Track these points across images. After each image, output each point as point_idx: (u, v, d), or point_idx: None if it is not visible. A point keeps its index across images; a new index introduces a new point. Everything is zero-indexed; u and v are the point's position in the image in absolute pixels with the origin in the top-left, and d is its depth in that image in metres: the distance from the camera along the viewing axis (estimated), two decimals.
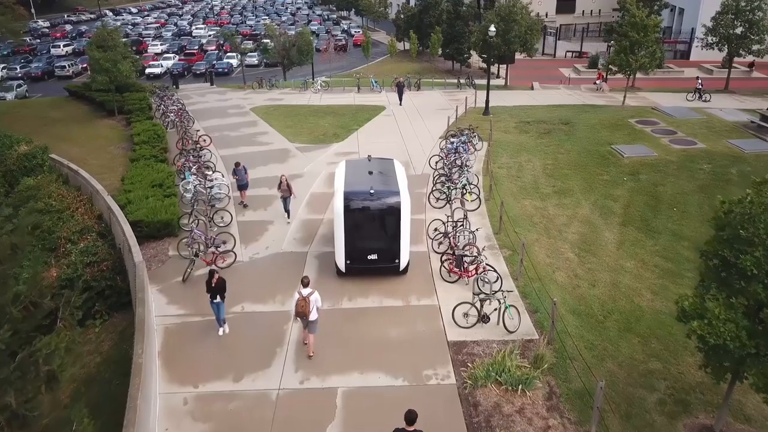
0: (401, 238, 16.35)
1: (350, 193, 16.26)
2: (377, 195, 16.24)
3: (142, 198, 20.62)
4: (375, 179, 17.24)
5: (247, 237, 19.84)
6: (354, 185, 16.66)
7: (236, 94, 45.12)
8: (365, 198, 16.21)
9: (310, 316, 13.35)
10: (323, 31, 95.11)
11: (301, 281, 13.56)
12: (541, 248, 19.47)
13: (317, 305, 13.45)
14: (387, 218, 16.30)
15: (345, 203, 16.02)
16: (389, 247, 16.47)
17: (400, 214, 16.12)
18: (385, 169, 18.19)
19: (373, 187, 16.44)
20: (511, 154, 28.78)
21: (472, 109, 37.69)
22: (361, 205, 16.18)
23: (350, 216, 16.03)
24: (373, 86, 45.07)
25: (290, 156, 28.47)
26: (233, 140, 31.30)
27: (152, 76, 63.47)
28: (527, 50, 44.22)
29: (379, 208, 16.23)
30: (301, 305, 13.14)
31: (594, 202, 23.54)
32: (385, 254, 16.52)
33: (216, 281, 14.17)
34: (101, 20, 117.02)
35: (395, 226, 16.24)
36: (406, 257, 16.81)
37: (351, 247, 16.30)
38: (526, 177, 25.86)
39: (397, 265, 16.69)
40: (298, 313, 13.30)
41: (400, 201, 16.14)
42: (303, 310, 13.19)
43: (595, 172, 26.38)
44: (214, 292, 14.23)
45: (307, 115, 36.66)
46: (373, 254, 16.47)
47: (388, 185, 16.91)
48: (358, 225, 16.25)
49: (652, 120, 33.71)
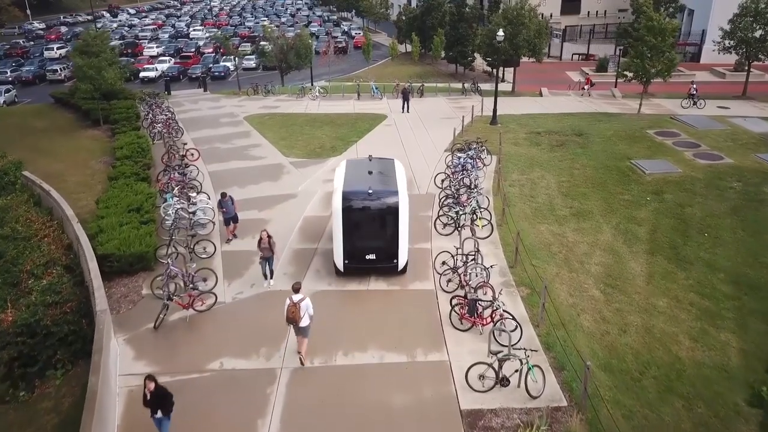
0: (400, 238, 16.40)
1: (349, 192, 16.36)
2: (376, 195, 16.32)
3: (116, 226, 18.47)
4: (374, 179, 17.34)
5: (231, 271, 17.69)
6: (353, 184, 16.77)
7: (230, 101, 42.98)
8: (364, 197, 16.29)
9: (301, 323, 13.06)
10: (323, 32, 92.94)
11: (292, 287, 13.26)
12: (562, 284, 17.31)
13: (309, 312, 13.13)
14: (385, 218, 16.38)
15: (343, 202, 16.12)
16: (388, 246, 16.51)
17: (398, 213, 16.16)
18: (385, 169, 18.21)
19: (372, 186, 16.51)
20: (523, 169, 26.62)
21: (479, 117, 35.54)
22: (359, 205, 16.28)
23: (348, 215, 16.16)
24: (374, 93, 42.93)
25: (284, 172, 26.31)
26: (224, 154, 29.17)
27: (146, 80, 61.33)
28: (536, 54, 42.02)
29: (378, 208, 16.32)
30: (291, 311, 12.87)
31: (616, 226, 21.39)
32: (384, 254, 16.58)
33: (153, 392, 10.71)
34: (98, 21, 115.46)
35: (393, 225, 16.31)
36: (404, 257, 16.80)
37: (349, 246, 16.42)
38: (540, 196, 23.70)
39: (395, 265, 16.73)
40: (289, 319, 13.00)
41: (399, 201, 16.18)
42: (293, 316, 12.92)
43: (615, 191, 24.22)
44: (154, 406, 10.86)
45: (303, 125, 34.52)
46: (372, 254, 16.56)
47: (386, 185, 16.97)
48: (356, 224, 16.41)
49: (672, 131, 31.52)
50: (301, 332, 13.27)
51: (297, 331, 13.32)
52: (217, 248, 18.75)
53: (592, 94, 44.17)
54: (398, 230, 16.29)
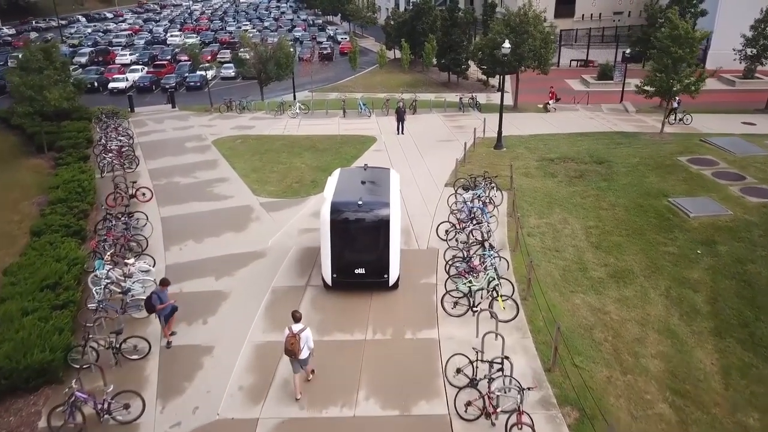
0: (390, 251, 15.70)
1: (338, 203, 15.76)
2: (366, 206, 15.66)
3: (16, 316, 13.79)
4: (366, 189, 16.73)
5: (168, 384, 13.00)
6: (343, 195, 16.18)
7: (200, 119, 38.18)
8: (353, 209, 15.62)
9: (300, 355, 11.87)
10: (307, 37, 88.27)
11: (292, 315, 12.17)
12: (618, 397, 12.85)
13: (309, 345, 12.02)
14: (375, 231, 15.64)
15: (332, 213, 15.49)
16: (378, 260, 15.82)
17: (389, 226, 15.49)
18: (378, 180, 17.49)
19: (363, 197, 15.90)
20: (541, 210, 22.20)
21: (481, 140, 31.07)
22: (348, 216, 15.61)
23: (337, 227, 15.52)
24: (362, 110, 38.35)
25: (252, 218, 21.69)
26: (183, 192, 24.47)
27: (116, 91, 56.61)
28: (542, 66, 37.61)
29: (367, 220, 15.61)
30: (290, 343, 11.74)
31: (666, 292, 17.01)
32: (374, 268, 15.93)
33: None
34: (72, 27, 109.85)
35: (384, 239, 15.59)
36: (396, 272, 16.10)
37: (338, 259, 15.82)
38: (566, 250, 19.28)
39: (386, 280, 16.05)
40: (287, 351, 11.84)
41: (389, 213, 15.54)
42: (293, 348, 11.76)
43: (656, 240, 19.86)
44: None
45: (280, 152, 29.90)
46: (361, 268, 15.94)
47: (378, 196, 16.32)
48: (344, 237, 15.73)
49: (707, 158, 27.20)
50: (299, 366, 12.13)
51: (295, 365, 12.10)
52: (153, 347, 14.00)
53: (605, 109, 39.95)
54: (389, 243, 15.54)
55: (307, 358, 12.13)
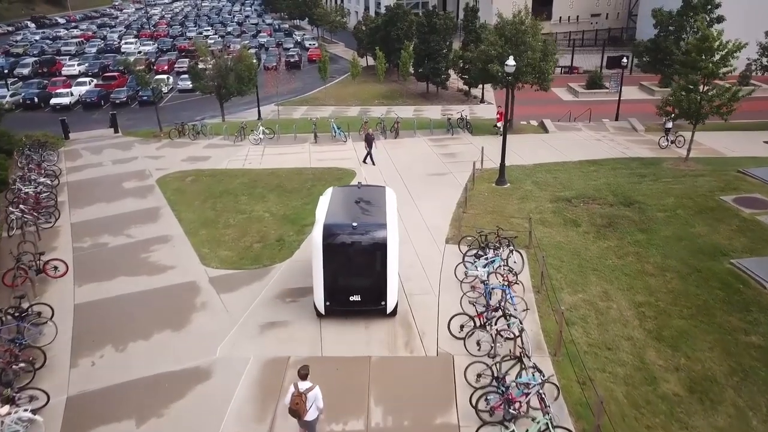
0: (388, 277, 14.56)
1: (331, 225, 14.70)
2: (361, 228, 14.59)
3: None
4: (361, 210, 15.65)
5: None
6: (336, 216, 15.20)
7: (146, 148, 32.48)
8: (347, 231, 14.53)
9: (307, 416, 10.46)
10: (273, 44, 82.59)
11: (298, 372, 10.63)
12: None
13: (317, 405, 10.59)
14: (371, 255, 14.56)
15: (324, 237, 14.40)
16: (374, 287, 14.74)
17: (387, 250, 14.38)
18: (374, 199, 16.36)
19: (358, 219, 14.89)
20: (573, 279, 17.30)
21: (479, 172, 26.12)
22: (342, 240, 14.52)
23: (330, 251, 14.44)
24: (336, 134, 33.12)
25: (196, 306, 16.23)
26: (109, 260, 18.93)
27: (59, 107, 50.51)
28: (542, 82, 32.84)
29: (363, 243, 14.53)
30: (295, 402, 10.36)
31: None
32: (370, 295, 14.81)
33: None
34: (18, 33, 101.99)
35: (381, 263, 14.50)
36: (394, 299, 14.89)
37: (331, 285, 14.71)
38: (621, 346, 14.38)
39: (383, 307, 14.87)
40: (292, 411, 10.49)
41: (386, 236, 14.44)
42: (297, 408, 10.36)
43: (731, 326, 15.14)
44: None
45: (239, 194, 24.49)
46: (356, 295, 14.80)
47: (374, 217, 15.23)
48: (338, 261, 14.63)
49: (755, 197, 22.62)
50: (306, 428, 10.78)
51: (301, 426, 10.79)
52: None
53: (610, 128, 35.50)
54: (386, 268, 14.52)
55: (315, 420, 10.80)
